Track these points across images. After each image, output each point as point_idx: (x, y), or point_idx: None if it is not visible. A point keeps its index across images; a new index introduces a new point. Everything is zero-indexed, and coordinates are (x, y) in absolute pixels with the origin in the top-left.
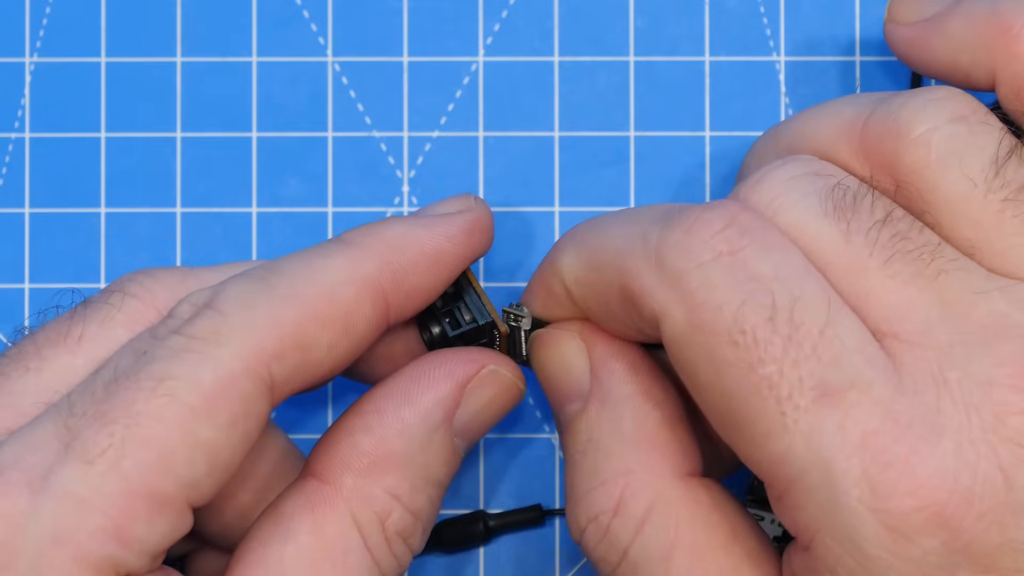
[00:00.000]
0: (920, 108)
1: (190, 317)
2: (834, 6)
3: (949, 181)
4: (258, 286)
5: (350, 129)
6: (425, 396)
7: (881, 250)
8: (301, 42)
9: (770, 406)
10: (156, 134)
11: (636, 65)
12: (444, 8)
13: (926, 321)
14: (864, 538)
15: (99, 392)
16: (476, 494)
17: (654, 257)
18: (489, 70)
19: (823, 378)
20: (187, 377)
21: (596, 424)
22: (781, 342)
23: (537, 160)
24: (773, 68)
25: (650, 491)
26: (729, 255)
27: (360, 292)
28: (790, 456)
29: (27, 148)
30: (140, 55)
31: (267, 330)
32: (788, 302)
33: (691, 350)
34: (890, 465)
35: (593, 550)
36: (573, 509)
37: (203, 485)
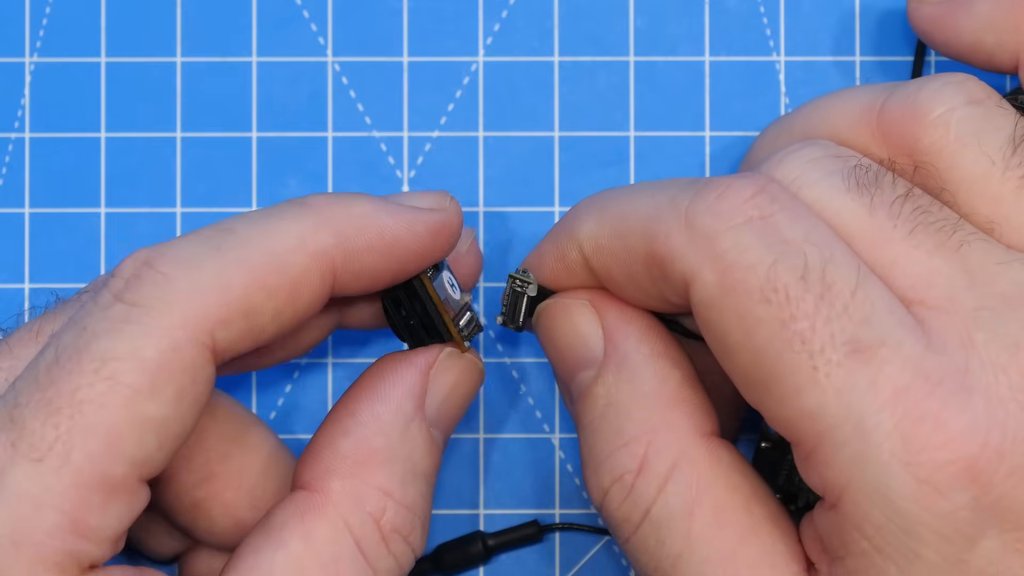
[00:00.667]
0: (938, 90)
1: (131, 277)
2: (834, 6)
3: (968, 160)
4: (205, 248)
5: (350, 129)
6: (394, 390)
7: (904, 222)
8: (301, 42)
9: (802, 361)
10: (156, 134)
11: (636, 65)
12: (444, 8)
13: (951, 288)
14: (895, 492)
15: (42, 377)
16: (476, 494)
17: (684, 221)
18: (489, 70)
19: (855, 335)
20: (129, 355)
21: (615, 387)
22: (813, 300)
23: (537, 160)
24: (773, 68)
25: (674, 449)
26: (760, 219)
27: (310, 263)
28: (821, 411)
29: (27, 148)
30: (140, 55)
31: (213, 295)
32: (820, 263)
33: (722, 311)
34: (922, 419)
35: (616, 511)
36: (595, 473)
37: (155, 459)
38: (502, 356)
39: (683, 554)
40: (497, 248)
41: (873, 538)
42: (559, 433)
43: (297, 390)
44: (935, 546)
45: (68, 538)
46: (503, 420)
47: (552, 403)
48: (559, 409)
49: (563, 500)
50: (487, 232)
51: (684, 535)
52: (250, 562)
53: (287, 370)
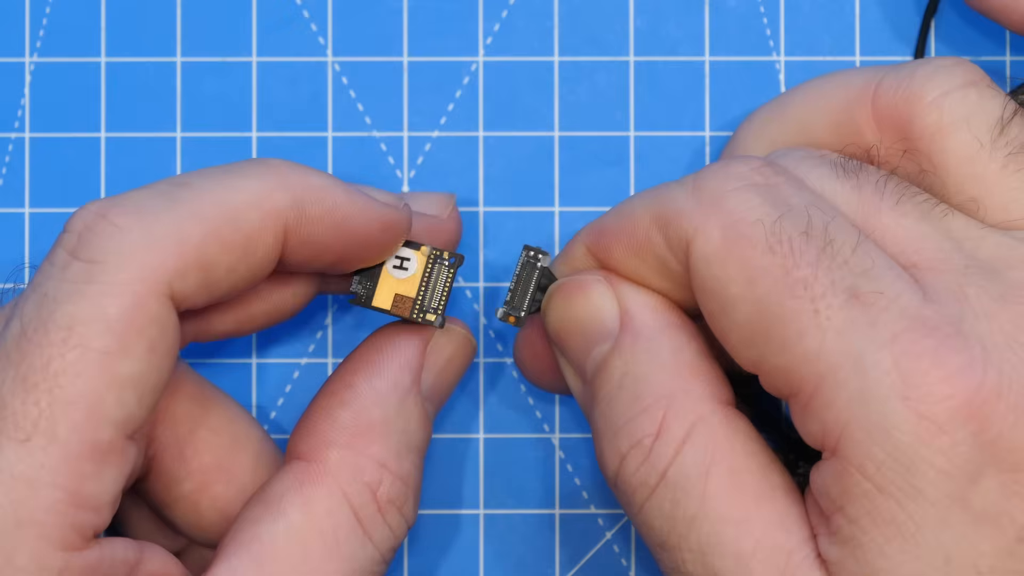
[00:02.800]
0: (931, 74)
1: (83, 231)
2: (834, 6)
3: (958, 142)
4: (160, 200)
5: (350, 129)
6: (392, 363)
7: (890, 195)
8: (301, 42)
9: (803, 305)
10: (156, 134)
11: (636, 65)
12: (444, 8)
13: (940, 249)
14: (895, 427)
15: (12, 353)
16: (476, 494)
17: (692, 186)
18: (489, 70)
19: (855, 284)
20: (94, 318)
21: (631, 357)
22: (816, 251)
23: (537, 160)
24: (773, 68)
25: (692, 414)
26: (765, 185)
27: (265, 220)
28: (822, 352)
29: (27, 148)
30: (140, 55)
31: (169, 247)
32: (823, 221)
33: (723, 264)
34: (921, 356)
35: (632, 476)
36: (612, 441)
37: (137, 415)
38: (502, 356)
39: (698, 514)
40: (497, 248)
41: (874, 477)
42: (559, 433)
43: (297, 390)
44: (936, 482)
45: (69, 512)
46: (503, 420)
47: (552, 403)
48: (559, 409)
49: (563, 500)
50: (487, 232)
51: (700, 496)
52: (250, 533)
53: (287, 370)
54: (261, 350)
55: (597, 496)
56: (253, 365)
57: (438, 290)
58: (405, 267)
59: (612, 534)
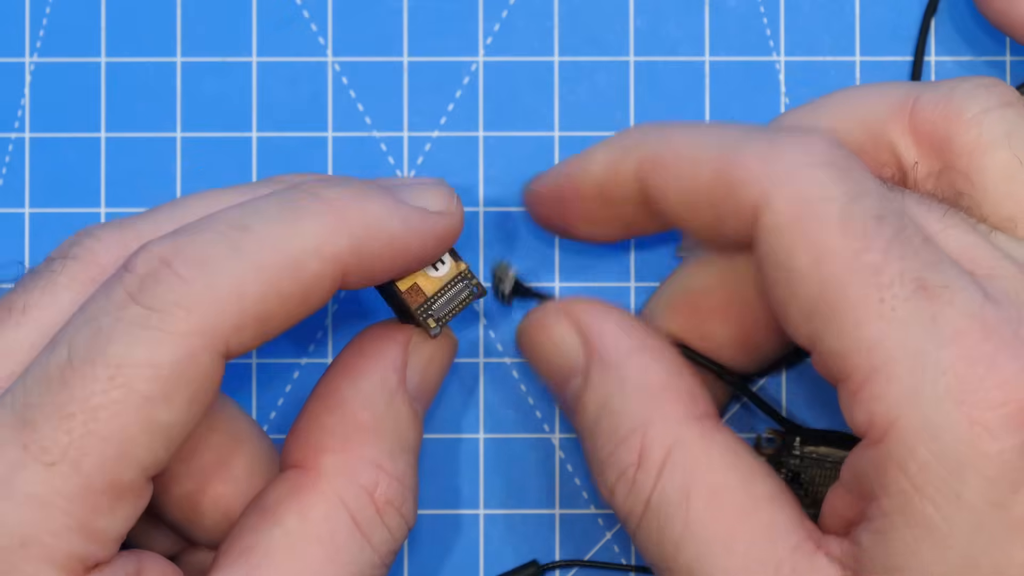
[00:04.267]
0: (971, 92)
1: (146, 276)
2: (834, 6)
3: (998, 161)
4: (223, 248)
5: (350, 129)
6: (375, 365)
7: (936, 209)
8: (301, 42)
9: (870, 292)
10: (156, 134)
11: (636, 65)
12: (444, 8)
13: (993, 257)
14: (944, 429)
15: (54, 379)
16: (476, 494)
17: (766, 150)
18: (489, 70)
19: (922, 274)
20: (145, 363)
21: (603, 388)
22: (888, 237)
23: (537, 160)
24: (773, 68)
25: (668, 437)
26: (843, 167)
27: (324, 268)
28: (881, 342)
29: (27, 148)
30: (140, 55)
31: (230, 303)
32: (896, 209)
33: (792, 239)
34: (978, 360)
35: (621, 506)
36: (601, 474)
37: (162, 459)
38: (502, 356)
39: (683, 538)
40: (497, 248)
41: (915, 476)
42: (559, 433)
43: (297, 390)
44: (978, 488)
45: (75, 540)
46: (503, 420)
47: (552, 403)
48: (559, 409)
49: (563, 500)
50: (487, 232)
51: (682, 519)
52: (247, 540)
53: (287, 370)
54: (261, 350)
55: (597, 496)
56: (253, 365)
57: (452, 305)
58: (436, 267)
59: (612, 534)
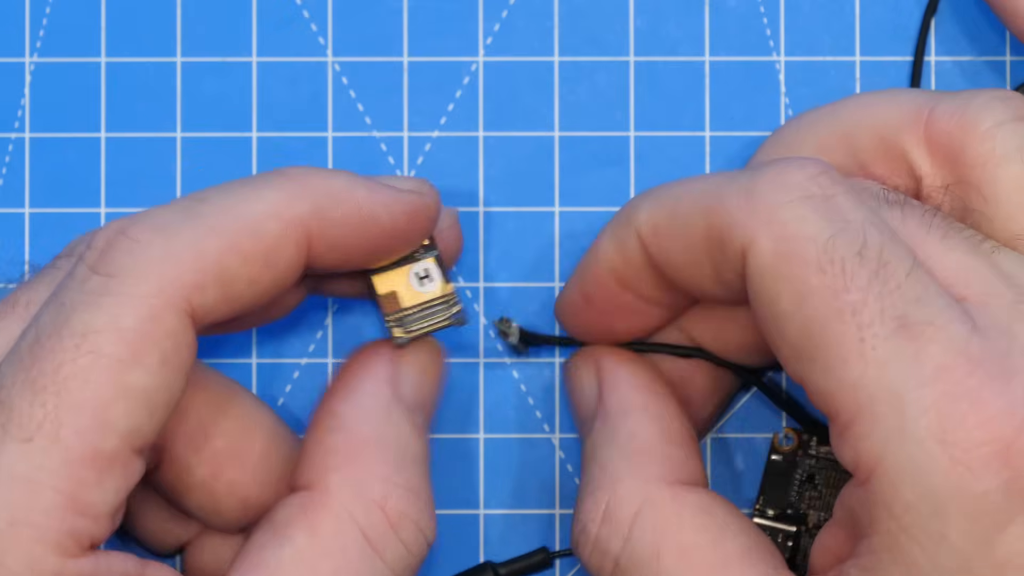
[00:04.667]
0: (986, 104)
1: (104, 248)
2: (834, 6)
3: (1010, 174)
4: (179, 216)
5: (350, 129)
6: (366, 380)
7: (936, 228)
8: (301, 42)
9: (850, 332)
10: (156, 134)
11: (636, 65)
12: (444, 8)
13: (990, 283)
14: (928, 470)
15: (25, 357)
16: (476, 494)
17: (745, 192)
18: (489, 70)
19: (904, 311)
20: (108, 327)
21: (597, 439)
22: (868, 275)
23: (537, 160)
24: (773, 68)
25: (638, 497)
26: (822, 198)
27: (286, 229)
28: (863, 382)
29: (27, 148)
30: (140, 55)
31: (187, 261)
32: (878, 242)
33: (775, 279)
34: (961, 398)
35: (588, 560)
36: (573, 522)
37: (145, 429)
38: (502, 356)
39: None
40: (497, 248)
41: (901, 518)
42: (559, 433)
43: (297, 390)
44: (963, 528)
45: (66, 517)
46: (503, 420)
47: (552, 403)
48: (559, 409)
49: (563, 500)
50: (487, 232)
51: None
52: (256, 558)
53: (287, 370)
54: (261, 350)
55: None
56: (253, 365)
57: (427, 323)
58: (424, 284)
59: None
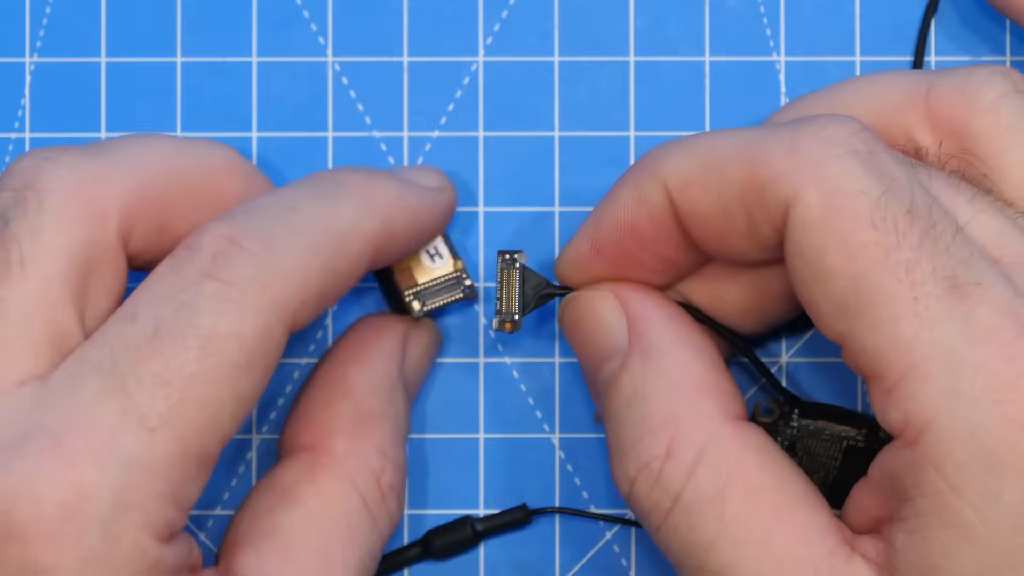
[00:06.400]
0: (988, 79)
1: (217, 254)
2: (834, 6)
3: (1016, 144)
4: (282, 229)
5: (350, 129)
6: (380, 355)
7: (964, 192)
8: (301, 42)
9: (903, 290)
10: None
11: (636, 65)
12: (444, 8)
13: (1022, 246)
14: (982, 429)
15: (144, 348)
16: (476, 494)
17: (789, 145)
18: (489, 70)
19: (955, 271)
20: (232, 333)
21: (640, 376)
22: (919, 233)
23: (537, 160)
24: (773, 68)
25: (701, 434)
26: (867, 153)
27: (365, 247)
28: (915, 342)
29: (27, 148)
30: (140, 55)
31: (298, 280)
32: (926, 202)
33: (823, 234)
34: (1014, 358)
35: (645, 499)
36: (621, 462)
37: (232, 433)
38: (502, 356)
39: (717, 537)
40: (497, 247)
41: (952, 477)
42: (559, 433)
43: (297, 390)
44: (1016, 487)
45: (168, 507)
46: (503, 420)
47: (552, 403)
48: (559, 409)
49: (563, 500)
50: (487, 232)
51: (717, 518)
52: (269, 522)
53: (287, 370)
54: None
55: (597, 496)
56: None
57: (440, 298)
58: (434, 259)
59: (612, 534)
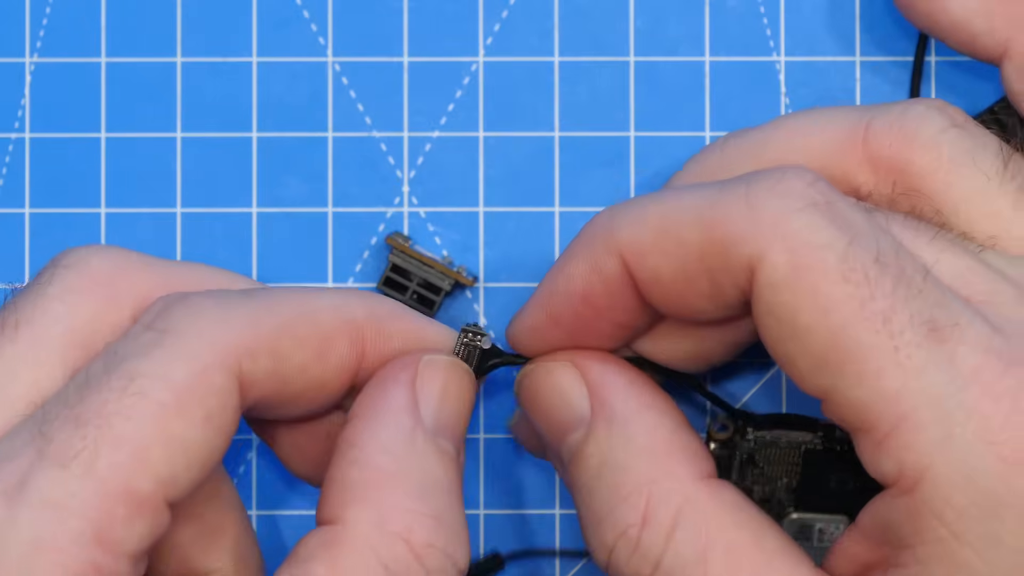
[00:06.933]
0: (926, 114)
1: (162, 309)
2: (834, 6)
3: (964, 178)
4: (239, 295)
5: (350, 129)
6: (386, 409)
7: (923, 232)
8: (301, 42)
9: (883, 341)
10: (156, 134)
11: (636, 65)
12: (444, 8)
13: (989, 281)
14: (978, 472)
15: (72, 396)
16: (476, 494)
17: (746, 203)
18: (489, 70)
19: (931, 315)
20: (157, 373)
21: (607, 444)
22: (891, 281)
23: (537, 160)
24: (773, 68)
25: (676, 497)
26: (826, 204)
27: (339, 325)
28: (903, 392)
29: (27, 148)
30: (140, 55)
31: (242, 328)
32: (891, 247)
33: (793, 292)
34: (1001, 396)
35: (625, 567)
36: (596, 531)
37: (181, 481)
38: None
39: None
40: (497, 248)
41: (953, 523)
42: None
43: None
44: (1017, 528)
45: (90, 547)
46: (503, 420)
47: None
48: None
49: (563, 500)
50: (487, 232)
51: None
52: None
53: None
54: None
55: None
56: None
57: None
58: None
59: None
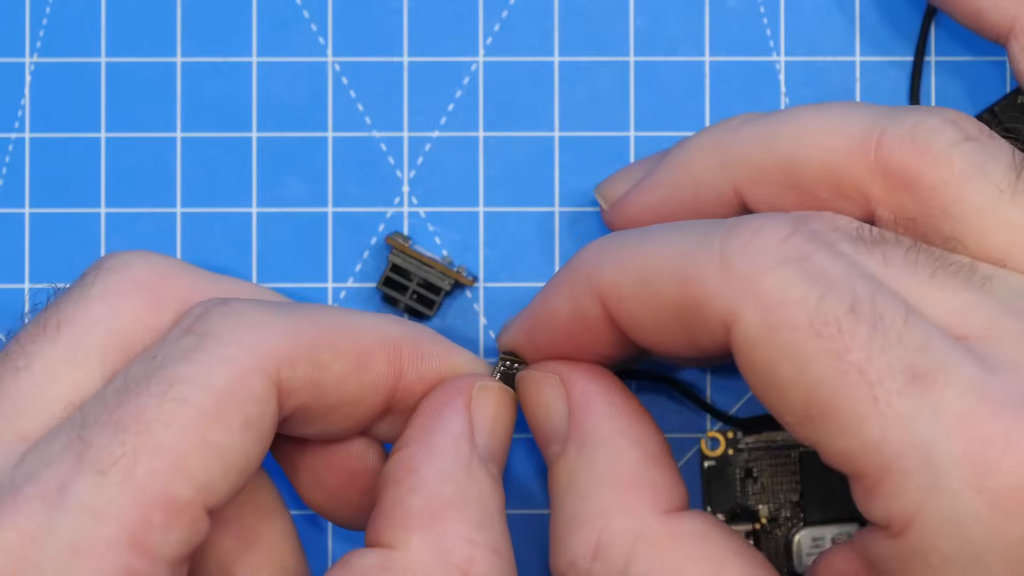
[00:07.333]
0: (939, 127)
1: (202, 313)
2: (834, 6)
3: (975, 190)
4: (279, 304)
5: (350, 129)
6: (446, 436)
7: (923, 267)
8: (301, 42)
9: (861, 392)
10: (156, 134)
11: (636, 65)
12: (444, 8)
13: (989, 317)
14: (967, 520)
15: (110, 400)
16: None
17: (719, 262)
18: (489, 70)
19: (912, 362)
20: (197, 379)
21: (573, 466)
22: (866, 330)
23: (537, 160)
24: (773, 68)
25: (631, 532)
26: (798, 260)
27: (378, 340)
28: (886, 441)
29: (27, 148)
30: (140, 55)
31: (282, 335)
32: (868, 294)
33: (769, 349)
34: (990, 442)
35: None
36: (554, 552)
37: (219, 488)
38: None
39: None
40: (497, 248)
41: (939, 569)
42: None
43: None
44: (1002, 574)
45: (126, 553)
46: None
47: None
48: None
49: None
50: (487, 232)
51: None
52: None
53: None
54: None
55: None
56: None
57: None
58: None
59: None
